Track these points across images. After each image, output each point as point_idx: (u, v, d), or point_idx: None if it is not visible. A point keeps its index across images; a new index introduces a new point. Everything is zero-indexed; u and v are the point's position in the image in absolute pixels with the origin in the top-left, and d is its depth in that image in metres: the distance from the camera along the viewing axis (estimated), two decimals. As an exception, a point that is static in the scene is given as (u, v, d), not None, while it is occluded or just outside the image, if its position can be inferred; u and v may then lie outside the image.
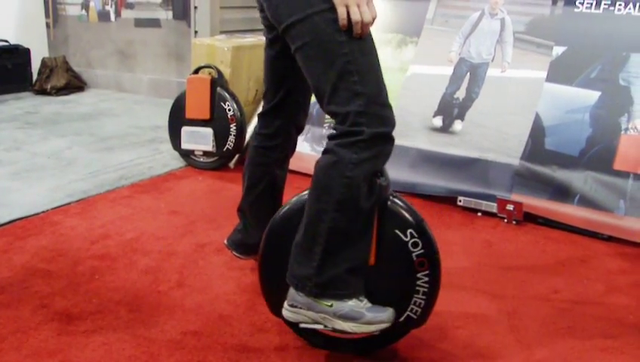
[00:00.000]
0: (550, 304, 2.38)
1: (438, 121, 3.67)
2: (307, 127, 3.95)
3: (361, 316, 1.77)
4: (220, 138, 3.83)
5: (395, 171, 3.58)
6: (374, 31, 1.79)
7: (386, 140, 1.77)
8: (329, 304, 1.79)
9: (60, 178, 3.73)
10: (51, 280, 2.49)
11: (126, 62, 6.48)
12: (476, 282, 2.54)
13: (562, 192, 3.16)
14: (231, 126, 3.81)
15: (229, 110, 3.80)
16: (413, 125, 3.71)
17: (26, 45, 6.47)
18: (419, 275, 1.88)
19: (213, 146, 3.84)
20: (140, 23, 6.25)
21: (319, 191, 1.80)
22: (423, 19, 4.02)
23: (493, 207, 3.20)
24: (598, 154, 3.17)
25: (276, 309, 1.96)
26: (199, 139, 3.87)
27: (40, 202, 3.32)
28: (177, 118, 3.94)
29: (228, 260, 2.69)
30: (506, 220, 3.15)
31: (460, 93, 3.66)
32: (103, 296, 2.37)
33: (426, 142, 3.61)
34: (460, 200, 3.31)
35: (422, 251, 1.87)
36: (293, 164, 3.80)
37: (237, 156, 3.96)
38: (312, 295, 1.80)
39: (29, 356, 1.99)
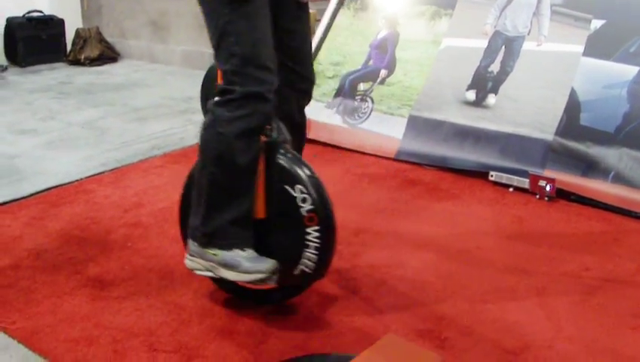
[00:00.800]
0: (580, 281, 2.36)
1: (471, 95, 3.63)
2: (339, 99, 3.94)
3: (239, 265, 1.90)
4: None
5: (427, 144, 3.57)
6: (407, 3, 1.79)
7: (258, 99, 1.85)
8: (214, 253, 1.94)
9: (94, 147, 3.78)
10: (85, 247, 2.54)
11: (159, 33, 6.51)
12: (506, 258, 2.53)
13: (596, 169, 3.12)
14: (262, 97, 3.80)
15: (261, 82, 3.79)
16: (446, 98, 3.67)
17: (60, 16, 6.53)
18: (308, 230, 1.92)
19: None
20: (173, -7, 6.26)
21: (201, 148, 1.95)
22: (458, -9, 3.96)
23: (525, 183, 3.17)
24: (634, 131, 3.11)
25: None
26: (231, 111, 3.87)
27: (74, 171, 3.37)
28: (209, 89, 3.94)
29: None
30: (538, 196, 3.12)
31: (495, 67, 3.61)
32: (135, 263, 2.42)
33: (458, 116, 3.58)
34: (492, 175, 3.28)
35: (311, 207, 1.91)
36: (325, 136, 3.82)
37: (268, 128, 3.96)
38: (201, 244, 1.96)
39: (63, 320, 2.04)
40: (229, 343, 1.94)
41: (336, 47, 4.15)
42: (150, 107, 4.75)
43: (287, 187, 1.93)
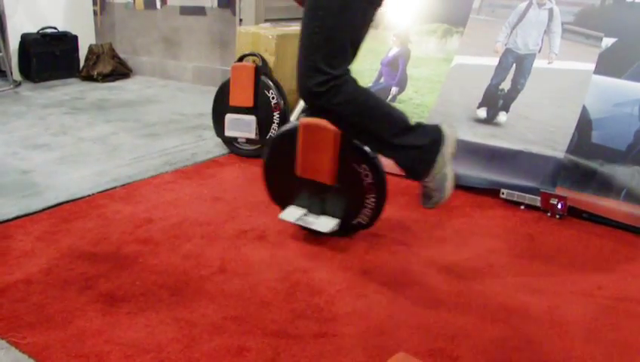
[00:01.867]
0: (593, 300, 2.35)
1: (482, 113, 3.63)
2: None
3: None
4: (263, 126, 3.85)
5: (438, 162, 3.57)
6: (419, 20, 1.83)
7: None
8: None
9: (106, 163, 3.80)
10: (96, 263, 2.54)
11: (171, 49, 6.56)
12: (517, 276, 2.52)
13: (608, 187, 3.10)
14: (274, 114, 3.82)
15: (273, 98, 3.81)
16: (457, 116, 3.68)
17: (73, 32, 6.60)
18: (367, 196, 2.64)
19: (256, 134, 3.86)
20: (185, 10, 6.31)
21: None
22: (469, 9, 3.98)
23: (536, 201, 3.16)
24: (646, 149, 3.11)
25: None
26: (242, 127, 3.90)
27: (86, 186, 3.39)
28: (221, 106, 3.97)
29: (270, 246, 2.71)
30: (549, 214, 3.11)
31: (506, 85, 3.62)
32: (146, 279, 2.42)
33: (469, 134, 3.57)
34: (503, 193, 3.27)
35: (372, 181, 2.61)
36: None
37: (279, 144, 3.99)
38: None
39: (74, 335, 2.04)
40: (240, 360, 1.94)
41: (348, 65, 4.17)
42: (162, 123, 4.78)
43: (354, 164, 2.59)
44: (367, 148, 2.54)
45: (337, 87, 2.24)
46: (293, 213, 2.77)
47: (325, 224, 2.70)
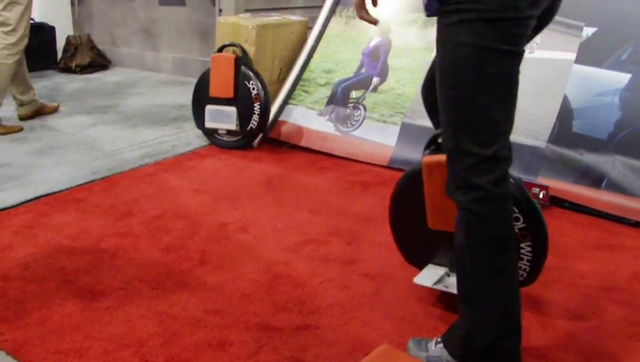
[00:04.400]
0: (575, 289, 2.35)
1: (463, 103, 3.62)
2: (331, 107, 3.93)
3: None
4: (243, 117, 3.82)
5: (420, 152, 3.55)
6: (399, 10, 1.78)
7: None
8: None
9: (84, 155, 3.76)
10: (75, 257, 2.51)
11: (150, 40, 6.49)
12: (500, 265, 2.51)
13: (590, 176, 3.11)
14: (255, 105, 3.79)
15: (253, 89, 3.78)
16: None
17: (51, 23, 6.50)
18: (522, 245, 2.04)
19: (236, 125, 3.83)
20: (164, 1, 6.24)
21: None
22: (450, -1, 3.96)
23: (518, 190, 3.16)
24: (627, 138, 3.11)
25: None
26: (223, 118, 3.86)
27: (64, 179, 3.34)
28: (201, 97, 3.93)
29: (251, 239, 2.69)
30: (531, 204, 3.11)
31: (487, 75, 3.61)
32: (127, 273, 2.39)
33: (451, 124, 3.56)
34: (485, 183, 3.27)
35: (523, 225, 2.01)
36: (317, 144, 3.81)
37: (260, 135, 3.95)
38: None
39: (53, 331, 2.01)
40: (222, 354, 1.92)
41: (328, 55, 4.15)
42: (141, 115, 4.73)
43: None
44: (519, 189, 2.03)
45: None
46: (430, 275, 2.23)
47: None
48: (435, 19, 1.74)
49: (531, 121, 3.35)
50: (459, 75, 1.66)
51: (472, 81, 1.65)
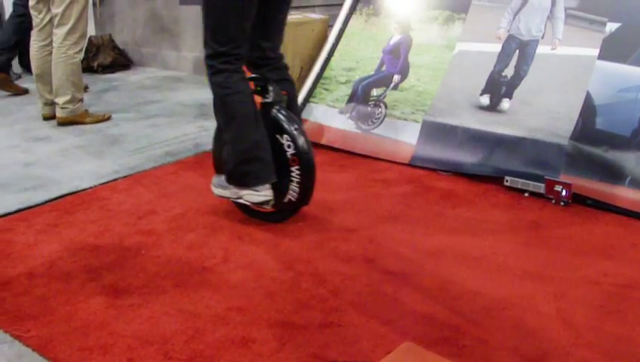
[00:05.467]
0: (599, 287, 2.33)
1: (485, 100, 3.60)
2: (352, 105, 3.93)
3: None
4: (264, 115, 3.82)
5: (441, 150, 3.55)
6: (420, 8, 1.78)
7: None
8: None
9: (107, 154, 3.79)
10: (99, 255, 2.54)
11: (171, 40, 6.52)
12: (522, 264, 2.50)
13: (613, 174, 3.08)
14: (275, 103, 3.79)
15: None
16: (459, 103, 3.65)
17: (74, 23, 6.54)
18: (292, 168, 2.66)
19: (257, 124, 3.83)
20: (185, 0, 6.27)
21: None
22: (471, -4, 3.95)
23: (540, 188, 3.14)
24: (651, 135, 3.09)
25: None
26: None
27: (88, 178, 3.38)
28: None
29: (273, 237, 2.70)
30: (553, 201, 3.09)
31: (509, 71, 3.59)
32: (150, 271, 2.41)
33: (472, 121, 3.55)
34: (507, 181, 3.25)
35: (294, 151, 2.64)
36: (338, 142, 3.81)
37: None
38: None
39: (77, 328, 2.04)
40: (245, 351, 1.93)
41: (349, 53, 4.14)
42: (163, 114, 4.76)
43: (277, 136, 2.66)
44: (290, 119, 2.68)
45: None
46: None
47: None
48: (462, 15, 1.98)
49: (554, 118, 3.33)
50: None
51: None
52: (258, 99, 2.69)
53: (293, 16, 4.32)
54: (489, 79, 3.63)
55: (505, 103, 3.53)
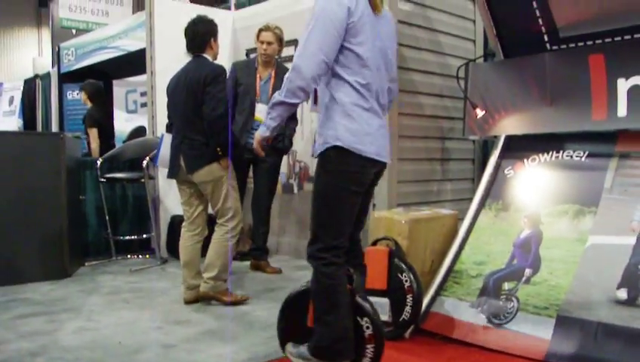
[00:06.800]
0: None
1: (622, 294, 3.51)
2: (483, 299, 3.93)
3: None
4: (396, 308, 3.88)
5: (578, 346, 3.42)
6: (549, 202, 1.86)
7: None
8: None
9: (242, 340, 3.91)
10: None
11: (306, 231, 6.79)
12: None
13: None
14: (407, 297, 3.85)
15: (406, 281, 3.85)
16: (595, 298, 3.57)
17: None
18: (367, 346, 3.08)
19: (389, 316, 3.89)
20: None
21: None
22: (601, 189, 3.98)
23: (690, 391, 2.95)
24: None
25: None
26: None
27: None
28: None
29: None
30: None
31: (646, 264, 3.51)
32: None
33: (610, 316, 3.45)
34: (651, 381, 3.08)
35: (371, 332, 3.06)
36: (469, 336, 3.77)
37: (412, 326, 3.96)
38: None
39: None
40: None
41: (479, 247, 4.21)
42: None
43: (357, 317, 3.07)
44: (369, 306, 3.11)
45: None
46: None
47: None
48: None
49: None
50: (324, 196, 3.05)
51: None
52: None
53: (423, 213, 4.49)
54: (625, 272, 3.56)
55: (644, 298, 3.43)
